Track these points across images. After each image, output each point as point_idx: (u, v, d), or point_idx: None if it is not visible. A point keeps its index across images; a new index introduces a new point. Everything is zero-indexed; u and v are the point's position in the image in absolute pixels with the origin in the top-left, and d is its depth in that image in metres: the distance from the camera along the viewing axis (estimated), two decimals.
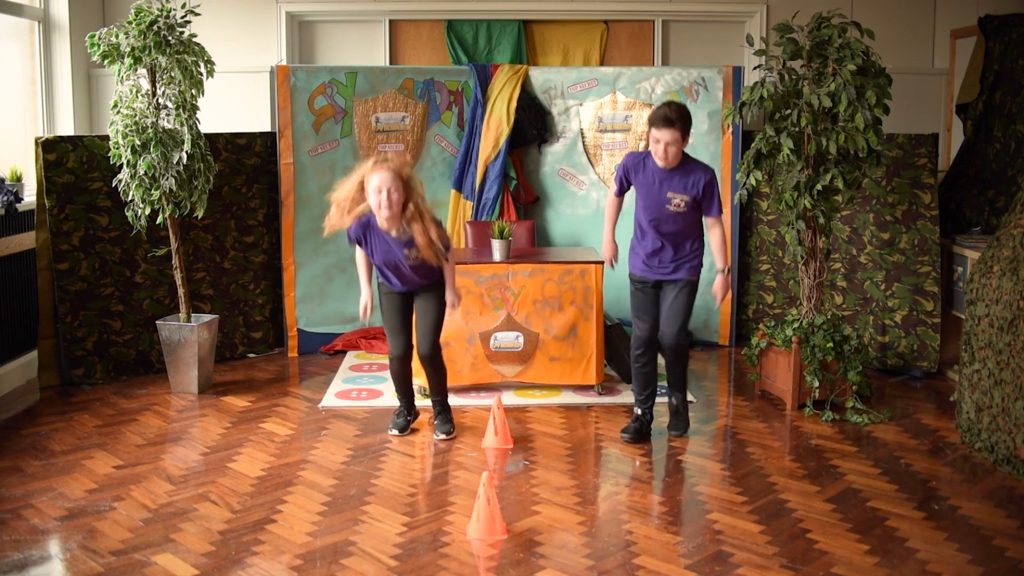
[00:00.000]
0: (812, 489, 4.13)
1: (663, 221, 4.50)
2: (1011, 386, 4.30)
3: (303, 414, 5.18)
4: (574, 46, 7.11)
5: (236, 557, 3.49)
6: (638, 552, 3.52)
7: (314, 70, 6.40)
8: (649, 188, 4.50)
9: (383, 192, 4.25)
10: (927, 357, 5.82)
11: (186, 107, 5.31)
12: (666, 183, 4.46)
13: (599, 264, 5.43)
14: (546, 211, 6.78)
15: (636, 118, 6.65)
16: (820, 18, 5.11)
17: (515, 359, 5.44)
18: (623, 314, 6.59)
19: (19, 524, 3.75)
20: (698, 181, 4.44)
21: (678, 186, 4.44)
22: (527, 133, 6.57)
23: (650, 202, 4.50)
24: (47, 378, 5.68)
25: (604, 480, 4.27)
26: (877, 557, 3.48)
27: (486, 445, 4.65)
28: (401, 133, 6.56)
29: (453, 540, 3.62)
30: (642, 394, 4.75)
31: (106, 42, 5.20)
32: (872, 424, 5.00)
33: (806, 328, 5.25)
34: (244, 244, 6.32)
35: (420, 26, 7.06)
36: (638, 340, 4.69)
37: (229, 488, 4.13)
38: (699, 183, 4.44)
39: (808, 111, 5.05)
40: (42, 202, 5.56)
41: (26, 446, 4.67)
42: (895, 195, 5.88)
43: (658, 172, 4.47)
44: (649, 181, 4.49)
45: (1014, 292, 4.33)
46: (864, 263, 6.04)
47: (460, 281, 5.35)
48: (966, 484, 4.20)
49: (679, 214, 4.47)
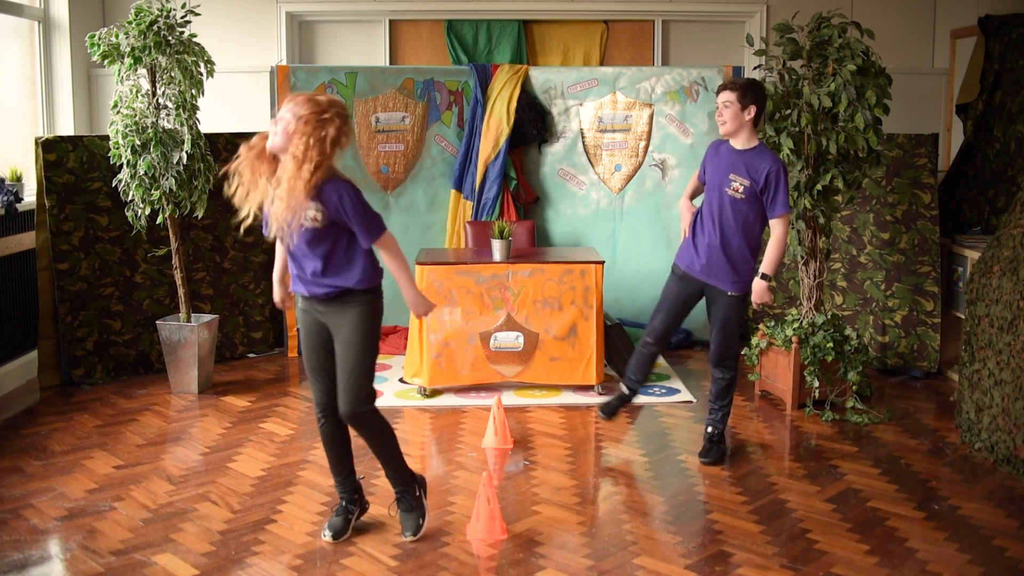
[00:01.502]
0: (812, 489, 4.13)
1: (722, 208, 4.28)
2: (1011, 386, 4.30)
3: (303, 414, 5.18)
4: (574, 46, 7.11)
5: (236, 557, 3.49)
6: (638, 552, 3.52)
7: (314, 70, 6.41)
8: (716, 170, 4.33)
9: (279, 127, 3.25)
10: (927, 357, 5.82)
11: (186, 107, 5.31)
12: (731, 166, 4.28)
13: (599, 264, 5.43)
14: (546, 211, 6.78)
15: (636, 118, 6.65)
16: (820, 18, 5.11)
17: (515, 359, 5.44)
18: (623, 314, 6.60)
19: (19, 524, 3.75)
20: (763, 169, 4.19)
21: (742, 169, 4.25)
22: (527, 133, 6.57)
23: (713, 184, 4.33)
24: (47, 378, 5.68)
25: (604, 480, 4.27)
26: (877, 557, 3.48)
27: (486, 445, 4.65)
28: (401, 133, 6.56)
29: (453, 540, 3.62)
30: (634, 375, 4.64)
31: (106, 42, 5.20)
32: (872, 424, 5.00)
33: (806, 328, 5.25)
34: (244, 244, 6.32)
35: (420, 26, 7.06)
36: (649, 329, 4.55)
37: (229, 488, 4.13)
38: (763, 171, 4.19)
39: (808, 111, 5.05)
40: (42, 202, 5.56)
41: (26, 446, 4.67)
42: (895, 195, 5.88)
43: (728, 154, 4.32)
44: (718, 162, 4.34)
45: (1014, 292, 4.32)
46: (864, 263, 6.04)
47: (460, 281, 5.34)
48: (966, 484, 4.20)
49: (737, 202, 4.24)
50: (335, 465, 3.62)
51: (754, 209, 4.26)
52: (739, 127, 4.24)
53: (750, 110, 4.21)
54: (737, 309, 4.35)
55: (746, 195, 4.24)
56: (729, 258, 4.29)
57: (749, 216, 4.27)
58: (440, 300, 5.34)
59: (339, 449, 3.59)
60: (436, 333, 5.35)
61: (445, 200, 6.70)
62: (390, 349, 6.40)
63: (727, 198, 4.27)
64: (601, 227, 6.74)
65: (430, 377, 5.38)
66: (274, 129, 3.26)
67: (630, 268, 6.69)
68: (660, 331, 4.53)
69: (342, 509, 3.65)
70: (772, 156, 4.27)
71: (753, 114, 4.22)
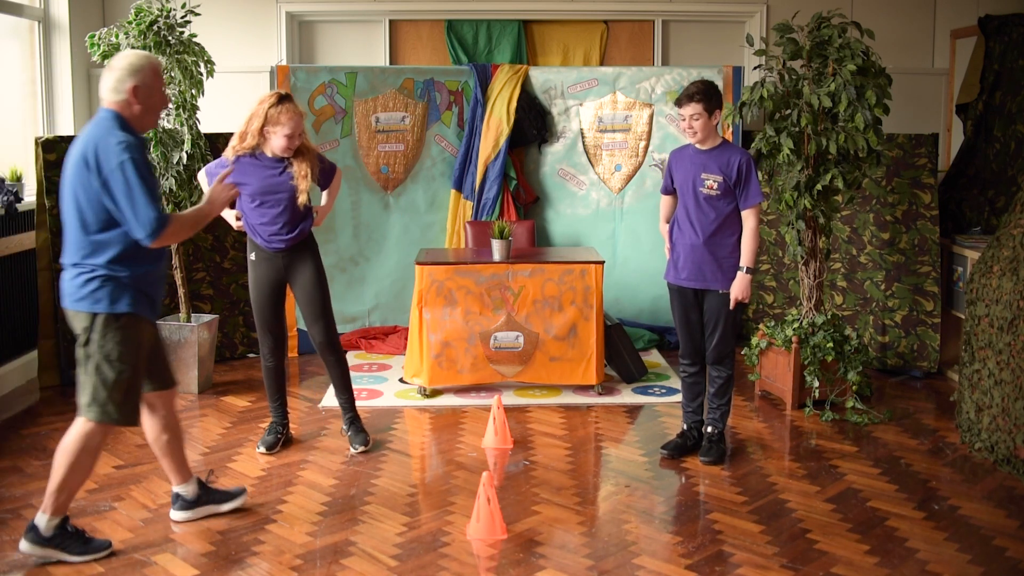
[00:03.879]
0: (812, 489, 4.13)
1: (698, 207, 4.32)
2: (1011, 386, 4.30)
3: (303, 414, 5.18)
4: (574, 46, 7.11)
5: (236, 557, 3.49)
6: (638, 552, 3.52)
7: (314, 70, 6.41)
8: (686, 173, 4.37)
9: (294, 139, 4.25)
10: (927, 357, 5.82)
11: (186, 107, 5.32)
12: (701, 166, 4.32)
13: (599, 264, 5.43)
14: (546, 211, 6.78)
15: (636, 118, 6.65)
16: (820, 18, 5.11)
17: (515, 359, 5.44)
18: (623, 314, 6.60)
19: (19, 524, 3.75)
20: (733, 162, 4.26)
21: (713, 167, 4.29)
22: (527, 133, 6.57)
23: (686, 187, 4.37)
24: (47, 378, 5.68)
25: (604, 480, 4.27)
26: (877, 557, 3.48)
27: (486, 445, 4.65)
28: (401, 133, 6.56)
29: (453, 540, 3.62)
30: (690, 406, 4.60)
31: (106, 42, 5.20)
32: (872, 424, 5.00)
33: (806, 328, 5.25)
34: (244, 244, 6.30)
35: (420, 26, 7.06)
36: (681, 351, 4.58)
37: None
38: (734, 164, 4.25)
39: (808, 111, 5.05)
40: (42, 202, 5.56)
41: (26, 446, 4.67)
42: (895, 195, 5.88)
43: (695, 156, 4.36)
44: (686, 166, 4.38)
45: (1014, 292, 4.33)
46: (864, 263, 6.04)
47: (460, 281, 5.35)
48: (966, 484, 4.20)
49: (713, 199, 4.28)
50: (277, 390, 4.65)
51: (732, 204, 4.33)
52: (709, 133, 4.33)
53: (716, 115, 4.30)
54: (729, 306, 4.36)
55: (721, 191, 4.30)
56: (714, 256, 4.33)
57: (726, 211, 4.32)
58: (440, 300, 5.34)
59: (282, 377, 4.68)
60: (436, 333, 5.35)
61: (445, 200, 6.70)
62: (390, 349, 6.40)
63: (702, 196, 4.32)
64: (601, 227, 6.74)
65: (430, 377, 5.38)
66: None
67: (630, 268, 6.69)
68: (686, 349, 4.54)
69: (274, 428, 4.64)
70: (739, 149, 4.37)
71: (719, 117, 4.33)
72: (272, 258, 4.42)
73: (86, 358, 3.37)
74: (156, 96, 3.41)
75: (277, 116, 4.20)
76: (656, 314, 6.67)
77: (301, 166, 4.29)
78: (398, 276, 6.58)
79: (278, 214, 4.32)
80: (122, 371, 3.35)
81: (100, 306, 3.32)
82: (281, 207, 4.31)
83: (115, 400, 3.36)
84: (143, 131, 3.43)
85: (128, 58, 3.36)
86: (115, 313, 3.32)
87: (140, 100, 3.33)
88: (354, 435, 4.62)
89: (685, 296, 4.45)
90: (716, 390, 4.51)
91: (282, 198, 4.30)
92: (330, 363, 4.56)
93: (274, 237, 4.35)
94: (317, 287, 4.46)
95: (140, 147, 3.29)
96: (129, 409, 3.42)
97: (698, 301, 4.44)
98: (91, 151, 3.25)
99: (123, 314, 3.33)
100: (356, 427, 4.65)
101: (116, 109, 3.32)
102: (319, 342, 4.51)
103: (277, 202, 4.31)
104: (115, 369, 3.34)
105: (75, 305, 3.35)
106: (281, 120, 4.20)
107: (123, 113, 3.33)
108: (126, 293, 3.33)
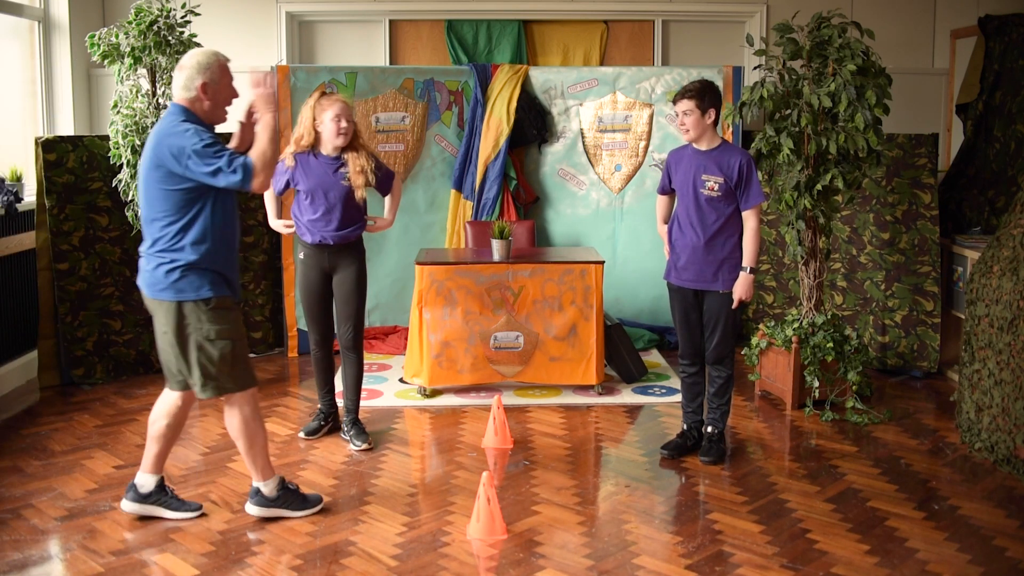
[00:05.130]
0: (812, 489, 4.13)
1: (698, 208, 4.32)
2: (1011, 386, 4.30)
3: (303, 414, 5.18)
4: (574, 46, 7.11)
5: (236, 557, 3.49)
6: (638, 552, 3.53)
7: (314, 70, 6.41)
8: (685, 174, 4.37)
9: (342, 120, 4.40)
10: (927, 357, 5.82)
11: None
12: (702, 167, 4.31)
13: (599, 264, 5.43)
14: (546, 211, 6.78)
15: (636, 118, 6.65)
16: (820, 18, 5.11)
17: (515, 359, 5.44)
18: (623, 314, 6.60)
19: (19, 524, 3.75)
20: (734, 163, 4.25)
21: (713, 168, 4.29)
22: (527, 133, 6.57)
23: (685, 188, 4.36)
24: (47, 378, 5.68)
25: (604, 480, 4.27)
26: (877, 557, 3.48)
27: (486, 445, 4.65)
28: (401, 133, 6.56)
29: (453, 540, 3.62)
30: (689, 406, 4.61)
31: (106, 42, 5.20)
32: (872, 424, 5.00)
33: (806, 328, 5.25)
34: (244, 244, 6.31)
35: (420, 26, 7.06)
36: (681, 351, 4.59)
37: (229, 488, 4.13)
38: (735, 165, 4.24)
39: (808, 111, 5.05)
40: (42, 202, 5.56)
41: (26, 446, 4.67)
42: (895, 195, 5.88)
43: (695, 156, 4.35)
44: (685, 167, 4.38)
45: (1014, 292, 4.33)
46: (864, 263, 6.04)
47: (460, 281, 5.35)
48: (966, 484, 4.20)
49: (714, 200, 4.28)
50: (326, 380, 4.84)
51: (732, 206, 4.32)
52: (702, 132, 4.31)
53: (710, 114, 4.27)
54: (729, 306, 4.36)
55: (722, 192, 4.29)
56: (714, 257, 4.33)
57: (727, 213, 4.32)
58: (440, 300, 5.34)
59: (332, 368, 4.86)
60: (436, 333, 5.35)
61: (445, 200, 6.70)
62: (390, 349, 6.40)
63: (703, 198, 4.32)
64: (601, 227, 6.74)
65: (430, 377, 5.38)
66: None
67: (630, 268, 6.69)
68: (686, 349, 4.54)
69: (321, 415, 4.81)
70: (740, 150, 4.36)
71: (713, 117, 4.30)
72: (319, 255, 4.58)
73: (180, 343, 3.54)
74: (224, 91, 3.59)
75: (323, 104, 4.42)
76: (656, 314, 6.67)
77: (356, 162, 4.47)
78: (398, 276, 6.57)
79: (328, 210, 4.50)
80: (223, 347, 3.55)
81: (185, 295, 3.50)
82: (333, 203, 4.49)
83: (225, 372, 3.57)
84: (213, 124, 3.58)
85: (196, 56, 3.53)
86: (202, 299, 3.51)
87: (209, 96, 3.52)
88: (356, 434, 4.66)
89: (685, 296, 4.45)
90: (716, 390, 4.51)
91: (335, 195, 4.48)
92: (349, 360, 4.68)
93: (322, 232, 4.52)
94: (355, 290, 4.62)
95: (204, 129, 3.47)
96: (241, 374, 3.62)
97: (698, 301, 4.44)
98: (162, 140, 3.41)
99: (210, 298, 3.52)
100: (358, 428, 4.70)
101: (185, 104, 3.49)
102: (344, 340, 4.68)
103: (330, 198, 4.48)
104: (217, 347, 3.54)
105: (159, 295, 3.52)
106: (325, 105, 4.40)
107: (192, 108, 3.51)
108: (206, 278, 3.51)
